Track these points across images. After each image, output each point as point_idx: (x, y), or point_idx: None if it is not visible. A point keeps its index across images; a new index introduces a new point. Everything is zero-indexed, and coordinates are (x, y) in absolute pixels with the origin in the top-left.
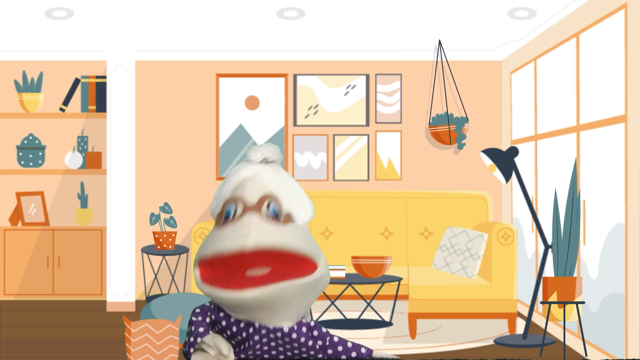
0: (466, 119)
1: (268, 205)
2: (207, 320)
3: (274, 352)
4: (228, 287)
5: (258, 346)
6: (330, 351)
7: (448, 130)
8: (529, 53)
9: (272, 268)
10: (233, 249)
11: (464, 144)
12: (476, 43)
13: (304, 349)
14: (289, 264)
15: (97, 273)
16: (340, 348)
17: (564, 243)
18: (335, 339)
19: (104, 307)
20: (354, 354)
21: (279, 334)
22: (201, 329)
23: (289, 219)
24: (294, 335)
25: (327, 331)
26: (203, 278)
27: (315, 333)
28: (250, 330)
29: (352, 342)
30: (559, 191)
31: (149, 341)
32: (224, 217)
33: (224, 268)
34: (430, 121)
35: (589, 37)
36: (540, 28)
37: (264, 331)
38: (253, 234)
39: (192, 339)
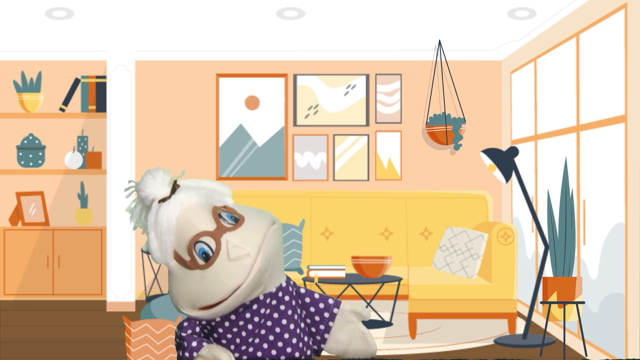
0: (463, 120)
1: (221, 216)
2: (197, 329)
3: (258, 337)
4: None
5: (244, 332)
6: (299, 301)
7: (445, 130)
8: (529, 53)
9: None
10: (244, 277)
11: (461, 145)
12: (476, 43)
13: (288, 310)
14: None
15: (97, 273)
16: (307, 299)
17: (560, 243)
18: (302, 291)
19: (104, 307)
20: (321, 305)
21: (280, 294)
22: (194, 343)
23: (231, 209)
24: (290, 289)
25: (294, 282)
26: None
27: (292, 283)
28: (247, 315)
29: (320, 294)
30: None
31: (149, 341)
32: (201, 259)
33: None
34: (428, 121)
35: (589, 37)
36: (540, 28)
37: (255, 306)
38: (255, 251)
39: (187, 355)
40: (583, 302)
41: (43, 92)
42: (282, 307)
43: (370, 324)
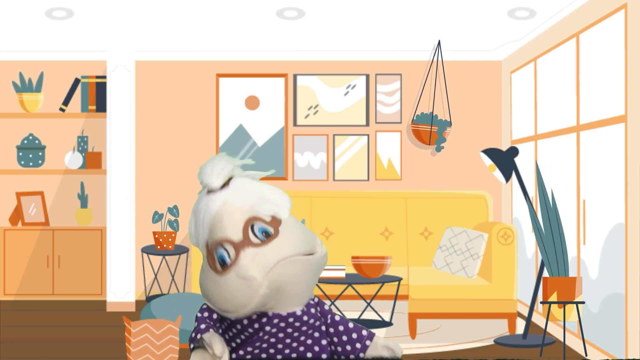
0: (449, 123)
1: (253, 228)
2: (214, 316)
3: (280, 344)
4: None
5: (267, 336)
6: (331, 329)
7: (430, 130)
8: (529, 53)
9: None
10: (251, 298)
11: (443, 147)
12: (476, 43)
13: (310, 331)
14: None
15: (97, 273)
16: (341, 327)
17: (548, 242)
18: (337, 318)
19: (104, 307)
20: (354, 335)
21: (291, 320)
22: (203, 326)
23: (276, 222)
24: (305, 318)
25: (330, 309)
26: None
27: (319, 309)
28: (264, 320)
29: (354, 323)
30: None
31: (149, 341)
32: (219, 263)
33: None
34: (414, 118)
35: (589, 37)
36: (540, 28)
37: (276, 320)
38: (261, 275)
39: (193, 335)
40: (583, 302)
41: (43, 92)
42: (289, 330)
43: (370, 324)
